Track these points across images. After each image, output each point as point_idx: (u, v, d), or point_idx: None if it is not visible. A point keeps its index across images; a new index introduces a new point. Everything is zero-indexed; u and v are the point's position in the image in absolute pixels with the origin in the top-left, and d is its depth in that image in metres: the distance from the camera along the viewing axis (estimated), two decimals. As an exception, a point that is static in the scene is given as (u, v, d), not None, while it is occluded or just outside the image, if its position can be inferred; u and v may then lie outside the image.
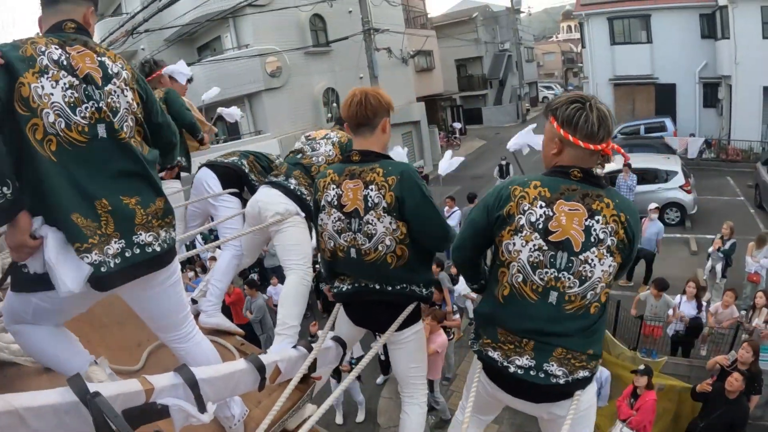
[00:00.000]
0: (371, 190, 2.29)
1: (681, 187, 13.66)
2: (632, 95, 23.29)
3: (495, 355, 2.04)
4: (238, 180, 3.59)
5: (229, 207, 3.53)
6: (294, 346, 2.45)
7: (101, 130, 1.78)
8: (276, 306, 9.93)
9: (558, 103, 1.98)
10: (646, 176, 13.67)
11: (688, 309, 8.02)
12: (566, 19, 51.56)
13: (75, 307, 1.97)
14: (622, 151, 2.12)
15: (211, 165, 3.63)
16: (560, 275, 1.88)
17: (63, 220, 1.68)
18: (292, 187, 3.02)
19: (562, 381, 1.93)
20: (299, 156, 3.18)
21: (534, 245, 1.91)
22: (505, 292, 1.99)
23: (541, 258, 1.90)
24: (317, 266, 4.81)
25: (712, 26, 20.74)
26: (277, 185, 3.05)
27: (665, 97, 22.35)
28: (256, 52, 18.21)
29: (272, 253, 11.59)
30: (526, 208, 1.93)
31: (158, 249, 1.89)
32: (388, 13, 21.12)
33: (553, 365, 1.92)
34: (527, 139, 3.98)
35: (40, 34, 1.85)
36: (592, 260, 1.87)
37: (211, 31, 19.85)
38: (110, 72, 1.86)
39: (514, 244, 1.95)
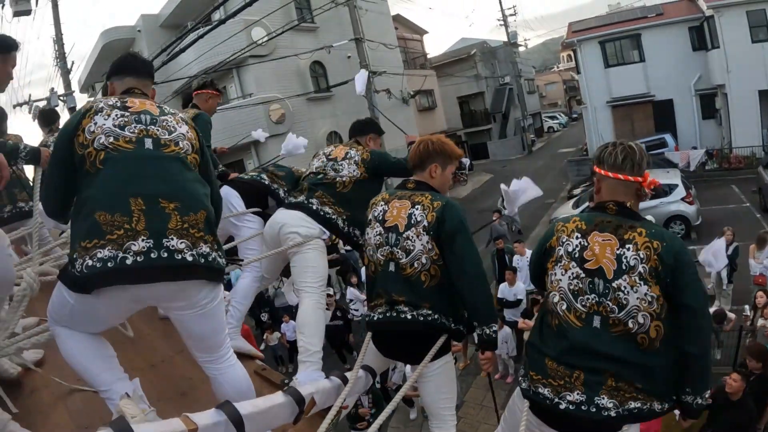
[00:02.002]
0: (416, 209, 2.46)
1: (683, 199, 13.63)
2: (630, 115, 23.27)
3: (545, 391, 2.05)
4: (260, 197, 3.54)
5: (251, 227, 3.46)
6: (327, 377, 2.44)
7: (148, 143, 1.94)
8: (289, 342, 9.94)
9: (597, 151, 2.23)
10: (647, 192, 13.69)
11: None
12: (565, 49, 52.30)
13: (109, 314, 1.97)
14: (659, 182, 2.25)
15: (232, 182, 3.57)
16: (600, 300, 1.97)
17: (88, 217, 1.78)
18: (314, 208, 3.02)
19: (613, 413, 1.94)
20: (320, 176, 3.14)
21: (572, 273, 2.04)
22: (556, 322, 2.08)
23: (580, 285, 2.01)
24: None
25: (702, 37, 20.88)
26: (298, 206, 3.05)
27: (663, 114, 22.32)
28: (260, 100, 18.86)
29: (282, 291, 11.74)
30: (564, 240, 2.10)
31: (189, 258, 1.84)
32: (386, 56, 21.74)
33: (603, 398, 1.94)
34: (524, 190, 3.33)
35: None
36: (625, 287, 1.94)
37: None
38: (167, 111, 2.11)
39: (555, 273, 2.11)
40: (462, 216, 2.44)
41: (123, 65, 2.26)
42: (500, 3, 36.24)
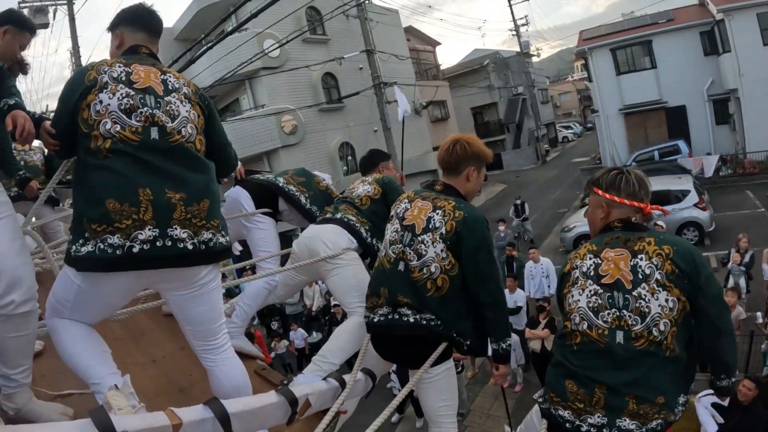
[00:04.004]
0: (437, 213, 2.40)
1: (695, 205, 13.49)
2: (643, 122, 23.13)
3: (565, 414, 2.02)
4: (271, 199, 3.52)
5: (262, 228, 3.46)
6: (324, 378, 2.38)
7: (154, 133, 1.95)
8: (297, 350, 9.97)
9: (598, 175, 2.27)
10: (659, 198, 13.53)
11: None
12: (578, 58, 52.14)
13: (115, 295, 2.02)
14: (662, 208, 2.33)
15: (244, 182, 3.57)
16: (621, 314, 1.96)
17: (99, 203, 1.83)
18: (339, 216, 3.07)
19: None
20: (343, 196, 3.32)
21: (590, 291, 2.05)
22: (577, 340, 2.06)
23: (600, 301, 2.02)
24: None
25: (713, 42, 20.78)
26: (326, 220, 3.11)
27: (677, 120, 22.16)
28: (272, 111, 19.08)
29: (292, 301, 11.85)
30: (578, 264, 2.15)
31: (190, 247, 1.93)
32: (398, 67, 21.90)
33: (625, 420, 1.90)
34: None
35: (118, 55, 2.17)
36: (645, 295, 1.95)
37: (230, 94, 21.20)
38: (170, 87, 2.07)
39: (572, 295, 2.12)
40: (485, 232, 2.38)
41: (138, 17, 2.21)
42: (512, 14, 36.53)
